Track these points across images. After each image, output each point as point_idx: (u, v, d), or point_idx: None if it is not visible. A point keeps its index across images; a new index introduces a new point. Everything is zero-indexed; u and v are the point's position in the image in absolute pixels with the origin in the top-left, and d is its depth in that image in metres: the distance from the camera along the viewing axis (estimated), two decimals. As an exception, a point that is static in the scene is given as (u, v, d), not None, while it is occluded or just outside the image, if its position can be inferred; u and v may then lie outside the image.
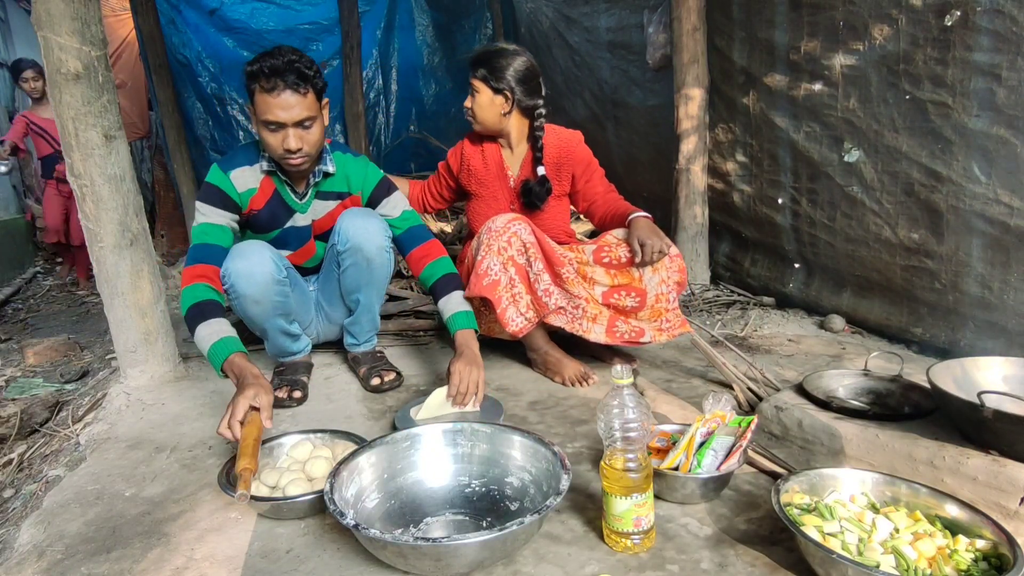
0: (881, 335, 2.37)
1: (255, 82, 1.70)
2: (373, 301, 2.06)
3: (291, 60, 1.70)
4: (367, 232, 1.91)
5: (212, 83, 4.93)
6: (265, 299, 1.84)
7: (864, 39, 2.21)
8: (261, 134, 1.77)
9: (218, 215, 1.83)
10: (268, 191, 1.91)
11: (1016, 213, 1.87)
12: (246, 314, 1.90)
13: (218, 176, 1.85)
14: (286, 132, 1.73)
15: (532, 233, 1.96)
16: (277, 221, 1.96)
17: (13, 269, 5.32)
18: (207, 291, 1.72)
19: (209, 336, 1.63)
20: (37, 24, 1.84)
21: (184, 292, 1.72)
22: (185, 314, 1.69)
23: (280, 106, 1.70)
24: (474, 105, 2.15)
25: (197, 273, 1.74)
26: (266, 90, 1.69)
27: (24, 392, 2.43)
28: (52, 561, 1.23)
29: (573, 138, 2.20)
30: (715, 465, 1.32)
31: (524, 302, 1.96)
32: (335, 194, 2.01)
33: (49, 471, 1.68)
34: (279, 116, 1.71)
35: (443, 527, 1.29)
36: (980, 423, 1.27)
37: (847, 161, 2.36)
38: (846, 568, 0.99)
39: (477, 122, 2.18)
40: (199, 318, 1.66)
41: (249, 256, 1.81)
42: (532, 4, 4.97)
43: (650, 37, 3.28)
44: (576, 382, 1.99)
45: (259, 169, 1.88)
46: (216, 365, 1.62)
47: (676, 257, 1.98)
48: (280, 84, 1.68)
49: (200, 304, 1.68)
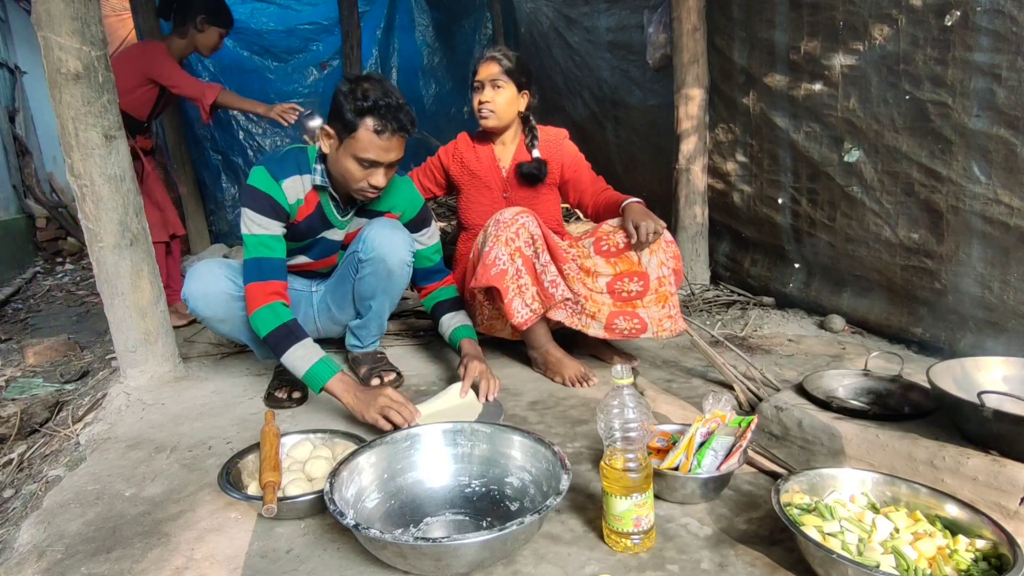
0: (881, 335, 2.37)
1: (366, 116, 1.65)
2: (385, 309, 2.06)
3: (403, 104, 1.68)
4: (393, 245, 1.90)
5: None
6: (229, 317, 1.85)
7: (864, 39, 2.21)
8: (345, 164, 1.72)
9: (273, 225, 1.79)
10: (312, 204, 1.88)
11: (1016, 213, 1.87)
12: (217, 332, 1.93)
13: (268, 184, 1.77)
14: (378, 171, 1.73)
15: (539, 226, 1.98)
16: (312, 232, 1.93)
17: (13, 269, 5.32)
18: (287, 311, 1.74)
19: (306, 357, 1.68)
20: (37, 24, 1.84)
21: (263, 310, 1.72)
22: (268, 334, 1.71)
23: (385, 149, 1.69)
24: (496, 99, 2.14)
25: (272, 291, 1.74)
26: (376, 131, 1.66)
27: (24, 392, 2.43)
28: (52, 561, 1.23)
29: (559, 134, 2.31)
30: (715, 465, 1.32)
31: (530, 293, 1.95)
32: (376, 212, 2.00)
33: (49, 471, 1.68)
34: (380, 157, 1.70)
35: (443, 527, 1.29)
36: (980, 423, 1.27)
37: (847, 161, 2.36)
38: (846, 568, 0.99)
39: (496, 117, 2.17)
40: (291, 339, 1.70)
41: (202, 276, 1.81)
42: (532, 4, 4.98)
43: (650, 37, 3.28)
44: (576, 382, 1.99)
45: (309, 180, 1.84)
46: (316, 387, 1.68)
47: (671, 243, 2.01)
48: (392, 128, 1.66)
49: (287, 325, 1.72)
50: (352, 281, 2.00)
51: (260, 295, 1.73)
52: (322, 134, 1.76)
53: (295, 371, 1.69)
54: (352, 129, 1.67)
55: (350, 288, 2.02)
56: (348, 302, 2.07)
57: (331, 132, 1.73)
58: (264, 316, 1.71)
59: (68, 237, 6.14)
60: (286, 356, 1.69)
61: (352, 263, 1.98)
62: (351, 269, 1.99)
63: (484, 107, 2.15)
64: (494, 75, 2.12)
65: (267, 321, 1.71)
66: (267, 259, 1.77)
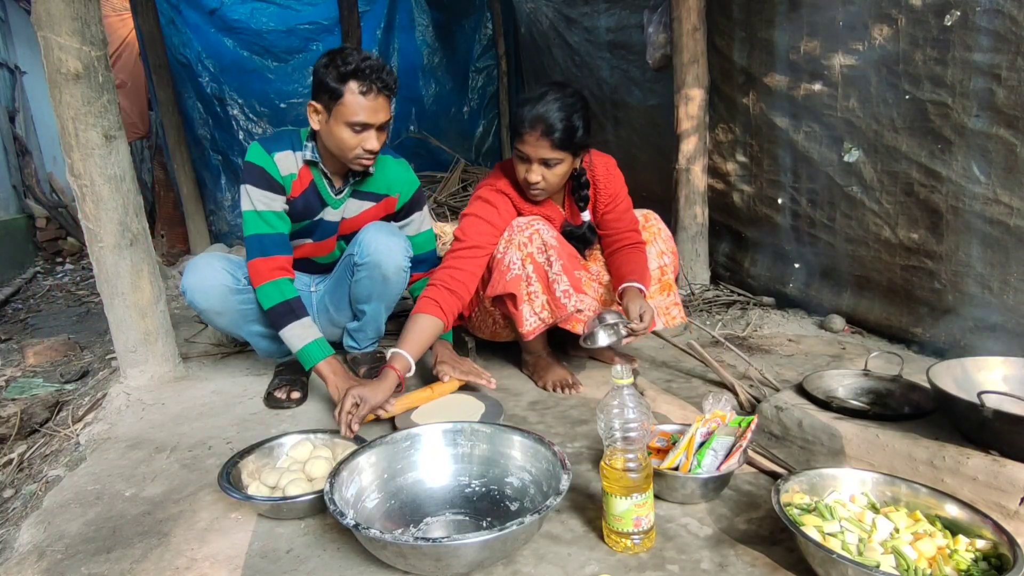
0: (881, 335, 2.37)
1: (349, 80, 1.68)
2: (381, 313, 2.06)
3: (383, 64, 1.72)
4: (389, 251, 1.90)
5: (212, 83, 4.93)
6: (226, 310, 1.86)
7: (864, 39, 2.21)
8: (338, 133, 1.74)
9: (271, 199, 1.82)
10: (306, 180, 1.90)
11: (1016, 213, 1.86)
12: (215, 325, 1.94)
13: (261, 156, 1.82)
14: (370, 134, 1.75)
15: (555, 238, 1.89)
16: (310, 212, 1.94)
17: (13, 269, 5.32)
18: (291, 287, 1.80)
19: (303, 335, 1.76)
20: (37, 24, 1.84)
21: (268, 285, 1.77)
22: (270, 307, 1.77)
23: (374, 108, 1.72)
24: (549, 179, 1.80)
25: (276, 265, 1.79)
26: (361, 92, 1.69)
27: (24, 392, 2.43)
28: (52, 561, 1.23)
29: (609, 163, 2.00)
30: (715, 465, 1.32)
31: (540, 302, 1.88)
32: (372, 195, 2.00)
33: (49, 471, 1.68)
34: (369, 118, 1.72)
35: (443, 527, 1.29)
36: (980, 423, 1.27)
37: (847, 161, 2.36)
38: (846, 568, 0.99)
39: (547, 194, 1.89)
40: (290, 316, 1.77)
41: (200, 269, 1.82)
42: (532, 4, 4.98)
43: (650, 37, 3.28)
44: (559, 388, 1.96)
45: (300, 157, 1.88)
46: (308, 364, 1.76)
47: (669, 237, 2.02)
48: (376, 87, 1.70)
49: (290, 302, 1.78)
50: (349, 284, 2.00)
51: (265, 270, 1.78)
52: (310, 111, 1.78)
53: (291, 346, 1.77)
54: (338, 96, 1.70)
55: (347, 290, 2.02)
56: (345, 304, 2.07)
57: (318, 107, 1.76)
58: (268, 291, 1.77)
59: (68, 237, 6.14)
60: (285, 331, 1.77)
61: (348, 265, 1.98)
62: (347, 271, 1.99)
63: (535, 187, 1.82)
64: (544, 155, 1.74)
65: (271, 296, 1.77)
66: (268, 235, 1.81)
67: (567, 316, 1.86)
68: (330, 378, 1.73)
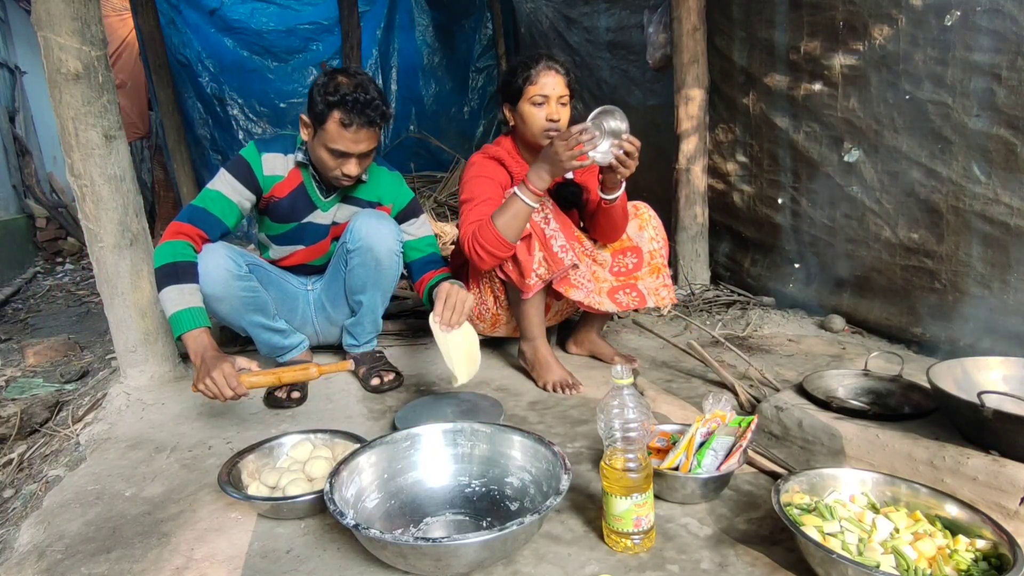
0: (881, 335, 2.37)
1: (333, 109, 1.70)
2: (377, 303, 2.05)
3: (374, 99, 1.72)
4: (380, 234, 1.91)
5: (212, 83, 4.94)
6: (227, 295, 1.84)
7: (864, 39, 2.21)
8: (319, 152, 1.78)
9: (234, 189, 1.84)
10: (294, 182, 1.92)
11: (1016, 213, 1.87)
12: (217, 314, 1.91)
13: (251, 153, 1.88)
14: (350, 160, 1.77)
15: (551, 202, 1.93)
16: (297, 214, 1.96)
17: (13, 269, 5.32)
18: (187, 251, 1.74)
19: (178, 301, 1.66)
20: (37, 24, 1.84)
21: (164, 245, 1.72)
22: (157, 267, 1.70)
23: (354, 140, 1.74)
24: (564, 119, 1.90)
25: (183, 231, 1.76)
26: (344, 124, 1.71)
27: (24, 392, 2.43)
28: (52, 561, 1.23)
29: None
30: (715, 465, 1.32)
31: (537, 258, 1.88)
32: (364, 202, 2.02)
33: (49, 471, 1.68)
34: (349, 148, 1.74)
35: (443, 527, 1.29)
36: (980, 423, 1.27)
37: (847, 161, 2.36)
38: (846, 568, 0.99)
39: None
40: (172, 278, 1.68)
41: (204, 255, 1.81)
42: (532, 4, 4.98)
43: (650, 37, 3.28)
44: (560, 389, 1.95)
45: (292, 159, 1.90)
46: (176, 332, 1.65)
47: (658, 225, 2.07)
48: (359, 122, 1.71)
49: (177, 264, 1.70)
50: (343, 275, 2.01)
51: (172, 231, 1.76)
52: (301, 122, 1.80)
53: (164, 310, 1.68)
54: (322, 121, 1.73)
55: (342, 284, 2.03)
56: (342, 298, 2.07)
57: (307, 121, 1.79)
58: (162, 250, 1.72)
59: (68, 237, 6.14)
60: (162, 293, 1.68)
61: (341, 255, 1.98)
62: (341, 262, 1.99)
63: (554, 126, 1.87)
64: (562, 93, 1.88)
65: (162, 255, 1.71)
66: (203, 210, 1.81)
67: (564, 271, 1.89)
68: (193, 356, 1.60)
